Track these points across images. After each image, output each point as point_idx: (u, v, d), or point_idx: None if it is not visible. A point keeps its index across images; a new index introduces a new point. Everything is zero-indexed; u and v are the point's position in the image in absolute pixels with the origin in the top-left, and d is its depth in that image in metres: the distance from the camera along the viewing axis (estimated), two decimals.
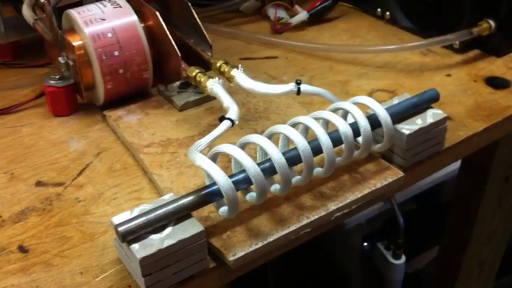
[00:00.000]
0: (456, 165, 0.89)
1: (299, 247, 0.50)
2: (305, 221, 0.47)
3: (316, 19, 0.83)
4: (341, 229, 1.18)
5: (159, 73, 0.63)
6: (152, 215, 0.42)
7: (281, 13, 0.83)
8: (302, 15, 0.81)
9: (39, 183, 0.53)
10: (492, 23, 0.70)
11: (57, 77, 0.61)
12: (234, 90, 0.61)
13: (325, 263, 1.29)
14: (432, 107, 0.55)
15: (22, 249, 0.46)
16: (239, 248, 0.44)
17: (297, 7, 0.84)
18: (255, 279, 1.19)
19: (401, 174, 0.52)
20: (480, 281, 0.91)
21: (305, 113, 0.59)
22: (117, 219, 0.42)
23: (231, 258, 0.44)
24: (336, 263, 1.28)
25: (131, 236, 0.41)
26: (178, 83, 0.64)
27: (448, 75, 0.69)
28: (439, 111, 0.55)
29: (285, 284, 1.28)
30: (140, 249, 0.40)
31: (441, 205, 1.35)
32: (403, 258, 1.22)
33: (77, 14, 0.60)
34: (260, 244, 0.45)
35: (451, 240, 0.88)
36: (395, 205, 1.19)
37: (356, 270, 1.29)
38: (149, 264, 0.40)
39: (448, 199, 1.29)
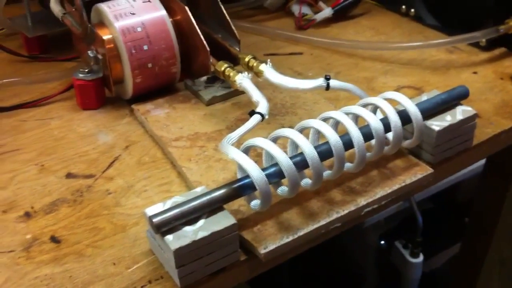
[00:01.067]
0: (474, 164, 0.88)
1: (316, 245, 0.50)
2: (335, 216, 0.47)
3: (340, 15, 0.83)
4: (358, 227, 1.18)
5: (187, 68, 0.63)
6: (185, 207, 0.42)
7: (305, 10, 0.83)
8: (326, 11, 0.81)
9: (69, 175, 0.54)
10: None
11: (86, 70, 0.62)
12: (260, 85, 0.61)
13: (342, 261, 1.29)
14: (461, 104, 0.55)
15: (55, 240, 0.47)
16: (270, 241, 0.44)
17: (321, 4, 0.84)
18: (270, 275, 1.19)
19: (430, 170, 0.52)
20: (501, 279, 0.91)
21: (332, 108, 0.59)
22: (150, 211, 0.42)
23: (262, 251, 0.44)
24: (353, 260, 1.28)
25: (165, 227, 0.41)
26: (205, 77, 0.64)
27: (475, 72, 0.69)
28: (469, 108, 0.54)
29: (301, 280, 1.28)
30: (174, 240, 0.41)
31: (458, 204, 1.34)
32: (421, 257, 1.22)
33: (107, 8, 0.60)
34: (290, 238, 0.45)
35: (472, 238, 0.88)
36: (414, 203, 1.19)
37: (372, 268, 1.29)
38: (182, 255, 0.41)
39: (466, 198, 1.29)
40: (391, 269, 1.27)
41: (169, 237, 0.41)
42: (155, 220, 0.41)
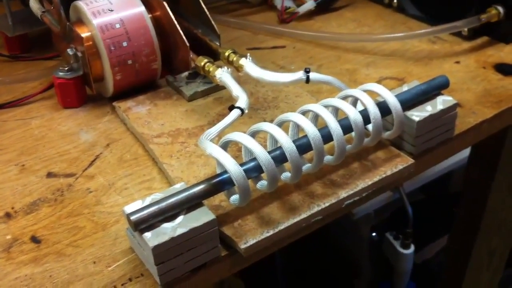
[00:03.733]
0: (464, 154, 0.88)
1: (308, 237, 0.50)
2: (316, 209, 0.47)
3: (323, 8, 0.82)
4: (350, 220, 1.18)
5: (168, 64, 0.63)
6: (164, 204, 0.42)
7: (288, 3, 0.83)
8: (309, 4, 0.81)
9: (50, 174, 0.53)
10: (500, 9, 0.69)
11: (66, 69, 0.61)
12: (242, 79, 0.61)
13: (335, 253, 1.29)
14: (442, 94, 0.55)
15: (35, 240, 0.47)
16: (250, 236, 0.44)
17: None
18: (264, 269, 1.19)
19: (411, 161, 0.52)
20: (490, 270, 0.91)
21: (314, 101, 0.59)
22: (129, 208, 0.42)
23: (243, 246, 0.44)
24: (345, 253, 1.28)
25: (143, 224, 0.41)
26: (186, 73, 0.64)
27: (457, 62, 0.69)
28: (449, 98, 0.54)
29: (294, 274, 1.28)
30: (152, 238, 0.41)
31: (449, 195, 1.34)
32: (412, 248, 1.22)
33: (85, 5, 0.60)
34: (271, 232, 0.45)
35: (460, 229, 0.88)
36: (404, 195, 1.19)
37: (366, 260, 1.29)
38: (161, 252, 0.41)
39: (457, 188, 1.29)
40: (383, 260, 1.27)
41: (148, 235, 0.41)
42: (133, 217, 0.41)
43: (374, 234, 1.27)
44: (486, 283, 0.94)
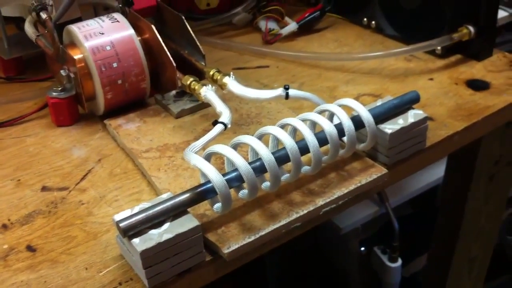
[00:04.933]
0: None
1: (298, 251, 0.53)
2: (294, 216, 0.50)
3: (306, 29, 0.86)
4: (338, 234, 1.21)
5: (156, 83, 0.66)
6: (151, 212, 0.45)
7: (272, 25, 0.87)
8: (291, 26, 0.85)
9: (44, 188, 0.56)
10: (471, 29, 0.73)
11: (59, 89, 0.65)
12: (227, 97, 0.64)
13: (324, 268, 1.31)
14: (413, 108, 0.59)
15: (30, 249, 0.49)
16: (233, 241, 0.47)
17: (287, 19, 0.88)
18: (255, 283, 1.22)
19: (385, 171, 0.55)
20: (471, 278, 0.94)
21: (294, 117, 0.62)
22: (118, 216, 0.45)
23: (226, 251, 0.47)
24: (334, 268, 1.31)
25: (131, 231, 0.44)
26: (174, 92, 0.67)
27: (431, 79, 0.73)
28: (420, 111, 0.58)
29: (286, 286, 1.30)
30: (140, 243, 0.43)
31: (436, 209, 1.37)
32: (400, 261, 1.24)
33: (77, 29, 0.63)
34: (252, 238, 0.48)
35: (440, 238, 0.91)
36: (390, 209, 1.22)
37: (354, 274, 1.31)
38: (149, 257, 0.44)
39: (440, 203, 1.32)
40: (372, 274, 1.30)
41: (136, 240, 0.44)
42: (122, 224, 0.44)
43: (362, 248, 1.29)
44: None
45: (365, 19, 0.86)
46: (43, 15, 0.65)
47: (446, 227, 0.87)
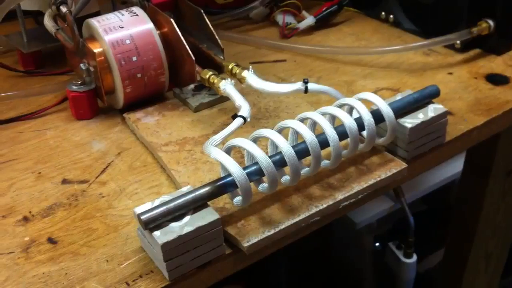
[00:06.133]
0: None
1: (311, 246, 0.53)
2: (314, 210, 0.50)
3: (323, 23, 0.86)
4: (352, 230, 1.21)
5: (174, 77, 0.67)
6: (171, 205, 0.45)
7: (289, 19, 0.86)
8: (309, 20, 0.85)
9: (65, 181, 0.57)
10: (491, 23, 0.73)
11: (79, 82, 0.65)
12: (245, 91, 0.64)
13: (338, 263, 1.31)
14: (433, 102, 0.58)
15: (51, 241, 0.50)
16: (252, 235, 0.47)
17: (304, 13, 0.88)
18: (268, 277, 1.22)
19: (404, 165, 0.55)
20: (487, 274, 0.94)
21: (313, 111, 0.62)
22: (139, 209, 0.45)
23: (245, 244, 0.47)
24: (348, 263, 1.31)
25: (152, 224, 0.44)
26: (192, 86, 0.67)
27: (450, 73, 0.72)
28: (440, 106, 0.58)
29: (298, 284, 1.30)
30: (161, 236, 0.44)
31: (450, 205, 1.37)
32: (414, 257, 1.24)
33: (97, 22, 0.64)
34: (272, 232, 0.48)
35: (457, 234, 0.90)
36: (405, 204, 1.21)
37: (368, 269, 1.31)
38: (170, 249, 0.44)
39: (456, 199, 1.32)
40: (386, 270, 1.30)
41: (157, 233, 0.44)
42: (143, 217, 0.44)
43: (377, 244, 1.29)
44: (484, 286, 0.96)
45: (383, 13, 0.86)
46: (63, 9, 0.65)
47: (463, 223, 0.86)
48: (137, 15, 0.65)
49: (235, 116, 0.55)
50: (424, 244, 1.29)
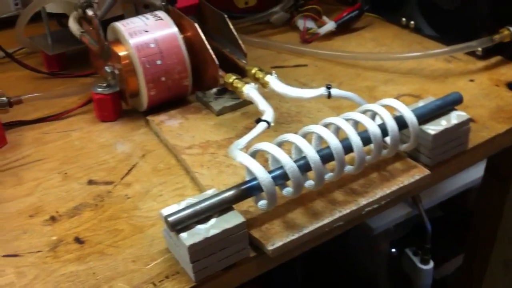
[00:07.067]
0: (482, 171, 0.91)
1: (328, 252, 0.53)
2: (337, 215, 0.50)
3: (343, 29, 0.87)
4: (369, 235, 1.21)
5: (197, 81, 0.67)
6: (198, 207, 0.46)
7: (310, 24, 0.87)
8: (329, 25, 0.85)
9: (90, 182, 0.58)
10: None
11: (104, 85, 0.66)
12: (267, 95, 0.65)
13: (353, 268, 1.31)
14: (455, 109, 0.59)
15: (78, 241, 0.51)
16: (277, 238, 0.48)
17: (324, 18, 0.88)
18: (284, 281, 1.22)
19: (427, 172, 0.55)
20: (506, 281, 0.93)
21: (335, 116, 0.63)
22: (166, 211, 0.46)
23: (270, 248, 0.47)
24: (363, 268, 1.31)
25: (179, 225, 0.45)
26: (215, 89, 0.68)
27: (471, 80, 0.72)
28: (463, 113, 0.58)
29: None
30: (188, 237, 0.44)
31: (468, 212, 1.36)
32: (431, 264, 1.24)
33: (122, 26, 0.65)
34: (296, 235, 0.48)
35: (476, 241, 0.90)
36: (422, 210, 1.21)
37: (384, 275, 1.31)
38: (196, 251, 0.44)
39: (475, 206, 1.31)
40: (402, 276, 1.29)
41: (184, 235, 0.45)
42: (170, 219, 0.45)
43: (393, 249, 1.29)
44: None
45: (403, 19, 0.86)
46: (89, 12, 0.66)
47: (482, 229, 0.86)
48: (161, 19, 0.66)
49: (258, 121, 0.55)
50: (440, 251, 1.29)
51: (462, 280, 1.01)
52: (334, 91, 0.59)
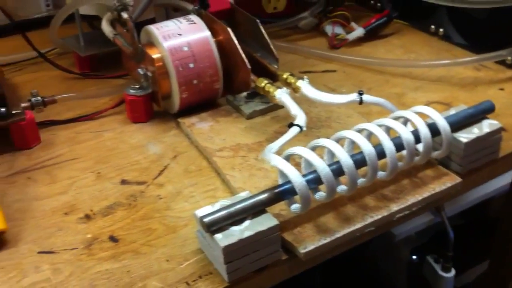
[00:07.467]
0: (504, 180, 0.90)
1: (348, 257, 0.53)
2: (369, 220, 0.51)
3: (372, 35, 0.87)
4: (390, 241, 1.20)
5: (228, 84, 0.68)
6: (232, 209, 0.46)
7: (338, 30, 0.87)
8: (358, 31, 0.86)
9: (123, 182, 0.59)
10: None
11: (137, 87, 0.67)
12: (297, 100, 0.65)
13: (374, 275, 1.31)
14: (487, 118, 0.59)
15: (113, 239, 0.52)
16: (309, 242, 0.48)
17: (353, 24, 0.88)
18: (303, 287, 1.22)
19: (458, 179, 0.55)
20: None
21: (364, 121, 0.63)
22: (200, 212, 0.47)
23: (302, 251, 0.48)
24: (383, 275, 1.30)
25: (214, 226, 0.46)
26: (245, 93, 0.69)
27: (501, 89, 0.72)
28: (495, 122, 0.58)
29: None
30: (223, 239, 0.45)
31: (490, 220, 1.35)
32: (453, 272, 1.23)
33: (156, 29, 0.66)
34: (328, 239, 0.49)
35: (500, 253, 0.90)
36: (445, 218, 1.21)
37: (403, 282, 1.31)
38: (230, 252, 0.45)
39: (497, 214, 1.31)
40: (422, 283, 1.29)
41: (218, 236, 0.45)
42: (205, 220, 0.45)
43: (414, 256, 1.29)
44: None
45: (432, 26, 0.86)
46: (124, 15, 0.67)
47: (507, 241, 0.85)
48: (194, 23, 0.67)
49: (291, 125, 0.56)
50: (462, 259, 1.28)
51: (487, 285, 1.00)
52: (366, 97, 0.59)
